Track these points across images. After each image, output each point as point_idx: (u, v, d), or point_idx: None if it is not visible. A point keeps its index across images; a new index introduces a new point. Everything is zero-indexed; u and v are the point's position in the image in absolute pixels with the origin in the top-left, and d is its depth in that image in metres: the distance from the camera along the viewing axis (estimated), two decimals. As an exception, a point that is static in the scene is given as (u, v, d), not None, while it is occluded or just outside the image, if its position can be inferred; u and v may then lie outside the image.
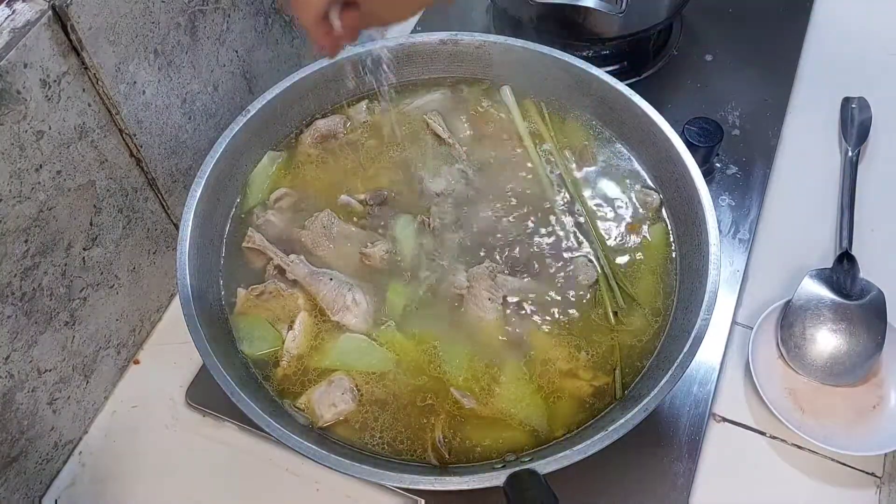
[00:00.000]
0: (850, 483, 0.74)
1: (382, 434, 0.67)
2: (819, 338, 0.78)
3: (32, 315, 0.65)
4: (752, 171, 0.93)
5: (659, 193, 0.79)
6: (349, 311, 0.72)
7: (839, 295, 0.80)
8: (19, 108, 0.57)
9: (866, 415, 0.76)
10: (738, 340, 0.82)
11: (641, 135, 0.79)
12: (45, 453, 0.73)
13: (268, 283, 0.74)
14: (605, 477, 0.73)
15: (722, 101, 0.99)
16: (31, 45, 0.57)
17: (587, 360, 0.70)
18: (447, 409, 0.68)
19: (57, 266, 0.67)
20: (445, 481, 0.60)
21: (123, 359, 0.81)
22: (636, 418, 0.60)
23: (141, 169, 0.74)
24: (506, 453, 0.66)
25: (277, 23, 0.88)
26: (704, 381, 0.78)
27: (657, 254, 0.76)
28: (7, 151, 0.57)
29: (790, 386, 0.78)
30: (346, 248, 0.76)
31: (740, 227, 0.89)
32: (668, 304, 0.73)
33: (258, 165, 0.81)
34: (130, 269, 0.77)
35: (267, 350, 0.71)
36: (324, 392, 0.68)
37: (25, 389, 0.67)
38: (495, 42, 0.83)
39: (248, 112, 0.77)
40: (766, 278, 0.86)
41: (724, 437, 0.77)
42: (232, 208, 0.79)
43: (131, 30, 0.65)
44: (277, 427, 0.61)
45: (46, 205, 0.63)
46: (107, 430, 0.78)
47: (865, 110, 0.96)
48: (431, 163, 0.81)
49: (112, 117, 0.67)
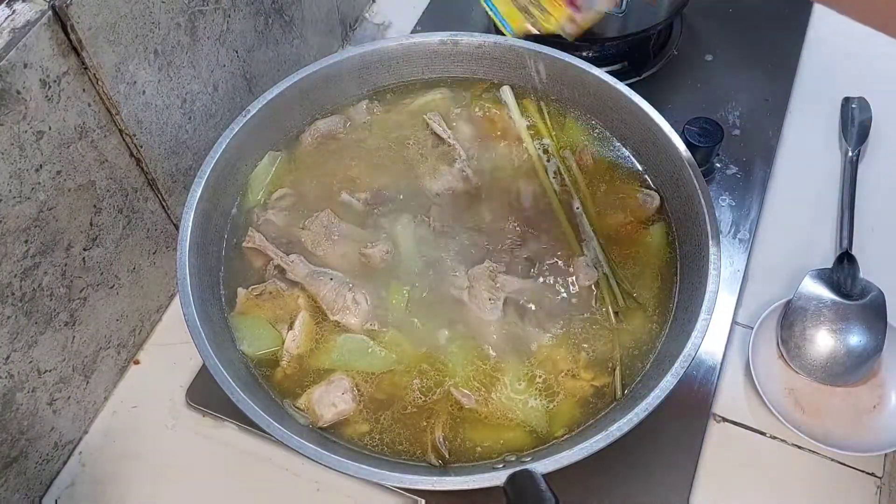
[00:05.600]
0: (850, 483, 0.74)
1: (382, 434, 0.67)
2: (819, 338, 0.78)
3: (32, 315, 0.65)
4: (752, 171, 0.93)
5: (659, 193, 0.79)
6: (349, 311, 0.72)
7: (839, 295, 0.80)
8: (19, 108, 0.57)
9: (866, 415, 0.76)
10: (738, 340, 0.82)
11: (641, 135, 0.79)
12: (45, 453, 0.73)
13: (268, 283, 0.74)
14: (605, 477, 0.73)
15: (722, 101, 0.99)
16: (31, 45, 0.57)
17: (587, 360, 0.70)
18: (447, 410, 0.68)
19: (57, 266, 0.67)
20: (445, 481, 0.60)
21: (123, 359, 0.81)
22: (636, 418, 0.60)
23: (141, 169, 0.74)
24: (506, 453, 0.66)
25: (277, 23, 0.88)
26: (704, 381, 0.78)
27: (657, 254, 0.76)
28: (7, 151, 0.57)
29: (790, 386, 0.78)
30: (346, 248, 0.76)
31: (740, 227, 0.89)
32: (668, 304, 0.73)
33: (258, 165, 0.81)
34: (130, 269, 0.77)
35: (267, 350, 0.71)
36: (324, 392, 0.68)
37: (25, 390, 0.67)
38: (495, 42, 0.83)
39: (248, 112, 0.77)
40: (766, 278, 0.86)
41: (724, 437, 0.77)
42: (232, 208, 0.79)
43: (131, 30, 0.65)
44: (278, 427, 0.61)
45: (46, 205, 0.63)
46: (107, 430, 0.78)
47: (865, 110, 0.96)
48: (431, 163, 0.81)
49: (112, 117, 0.67)
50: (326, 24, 1.00)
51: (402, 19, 1.10)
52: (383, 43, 0.84)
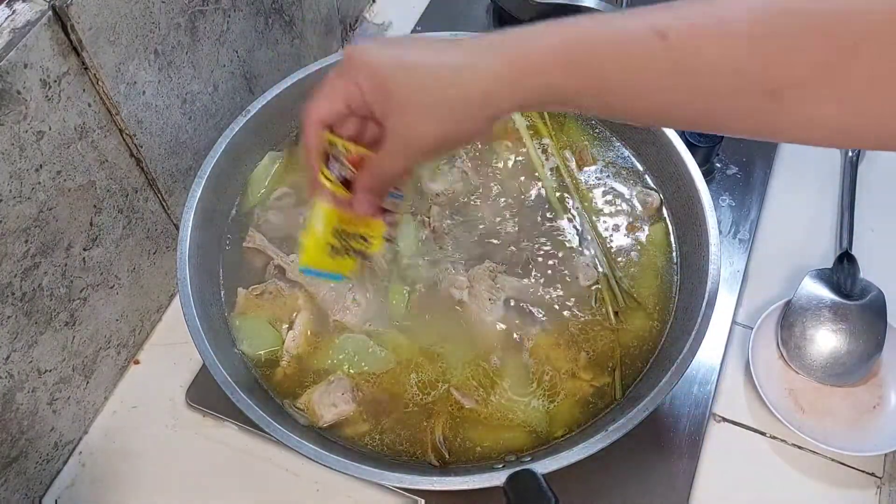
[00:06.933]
0: (850, 483, 0.74)
1: (382, 434, 0.67)
2: (819, 338, 0.78)
3: (32, 315, 0.65)
4: (752, 171, 0.93)
5: (659, 193, 0.79)
6: (349, 311, 0.72)
7: (839, 295, 0.80)
8: (19, 108, 0.57)
9: (866, 415, 0.76)
10: (738, 340, 0.82)
11: (641, 135, 0.79)
12: (45, 453, 0.73)
13: (268, 283, 0.74)
14: (605, 477, 0.73)
15: (722, 101, 0.99)
16: (32, 46, 0.57)
17: (587, 360, 0.70)
18: (447, 410, 0.68)
19: (57, 266, 0.67)
20: (446, 481, 0.60)
21: (123, 359, 0.81)
22: (636, 418, 0.60)
23: (141, 169, 0.74)
24: (506, 453, 0.66)
25: (277, 23, 0.88)
26: (704, 381, 0.78)
27: (657, 254, 0.76)
28: (7, 152, 0.57)
29: (790, 386, 0.78)
30: (347, 248, 0.76)
31: (740, 227, 0.89)
32: (668, 305, 0.73)
33: (258, 165, 0.81)
34: (130, 269, 0.77)
35: (267, 350, 0.71)
36: (324, 392, 0.68)
37: (25, 390, 0.67)
38: (495, 42, 0.83)
39: (248, 112, 0.77)
40: (766, 278, 0.86)
41: (724, 437, 0.77)
42: (232, 208, 0.79)
43: (131, 30, 0.65)
44: (278, 427, 0.61)
45: (46, 205, 0.63)
46: (107, 430, 0.78)
47: (865, 110, 0.96)
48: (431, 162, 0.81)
49: (112, 117, 0.67)
50: (326, 24, 1.00)
51: (402, 19, 1.10)
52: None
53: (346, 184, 0.53)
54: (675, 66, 0.43)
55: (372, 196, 0.54)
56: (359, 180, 0.53)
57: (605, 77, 0.45)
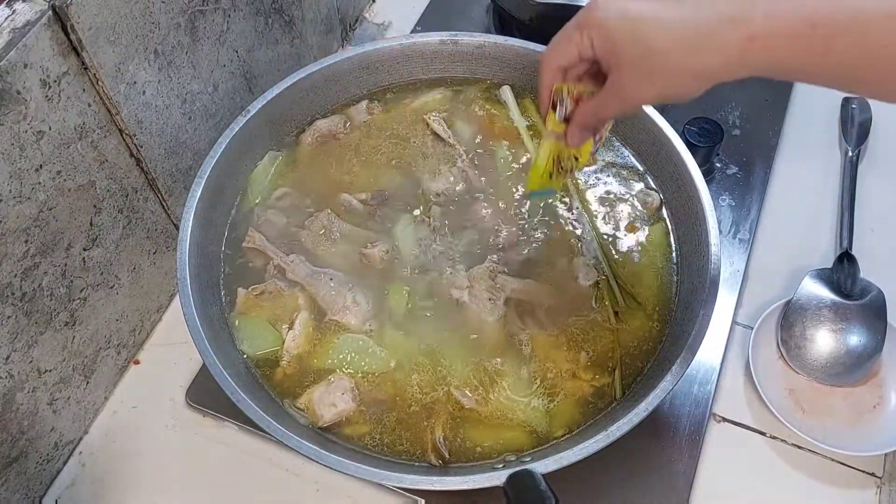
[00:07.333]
0: (850, 483, 0.74)
1: (382, 434, 0.67)
2: (819, 338, 0.78)
3: (32, 315, 0.65)
4: (752, 171, 0.93)
5: (659, 193, 0.79)
6: (349, 311, 0.72)
7: (839, 295, 0.80)
8: (19, 108, 0.57)
9: (866, 415, 0.76)
10: (738, 340, 0.82)
11: (641, 135, 0.79)
12: (45, 453, 0.73)
13: (268, 283, 0.74)
14: (605, 477, 0.73)
15: (722, 101, 0.99)
16: (31, 45, 0.57)
17: (587, 360, 0.70)
18: (448, 410, 0.68)
19: (57, 266, 0.67)
20: (446, 481, 0.60)
21: (123, 359, 0.81)
22: (636, 418, 0.60)
23: (141, 169, 0.74)
24: (506, 453, 0.66)
25: (277, 23, 0.88)
26: (704, 381, 0.78)
27: (657, 254, 0.76)
28: (7, 151, 0.57)
29: (790, 386, 0.78)
30: (346, 248, 0.76)
31: (740, 227, 0.89)
32: (668, 304, 0.73)
33: (258, 165, 0.81)
34: (130, 270, 0.77)
35: (267, 350, 0.71)
36: (324, 392, 0.68)
37: (25, 390, 0.67)
38: (495, 42, 0.83)
39: (248, 112, 0.77)
40: (766, 278, 0.86)
41: (724, 437, 0.77)
42: (232, 208, 0.79)
43: (131, 30, 0.65)
44: (278, 427, 0.61)
45: (46, 205, 0.63)
46: (107, 430, 0.78)
47: (865, 110, 0.96)
48: (431, 163, 0.81)
49: (112, 117, 0.67)
50: (326, 24, 1.00)
51: (402, 19, 1.10)
52: (383, 43, 0.84)
53: (565, 120, 0.61)
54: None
55: (585, 131, 0.61)
56: (575, 116, 0.60)
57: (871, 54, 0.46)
